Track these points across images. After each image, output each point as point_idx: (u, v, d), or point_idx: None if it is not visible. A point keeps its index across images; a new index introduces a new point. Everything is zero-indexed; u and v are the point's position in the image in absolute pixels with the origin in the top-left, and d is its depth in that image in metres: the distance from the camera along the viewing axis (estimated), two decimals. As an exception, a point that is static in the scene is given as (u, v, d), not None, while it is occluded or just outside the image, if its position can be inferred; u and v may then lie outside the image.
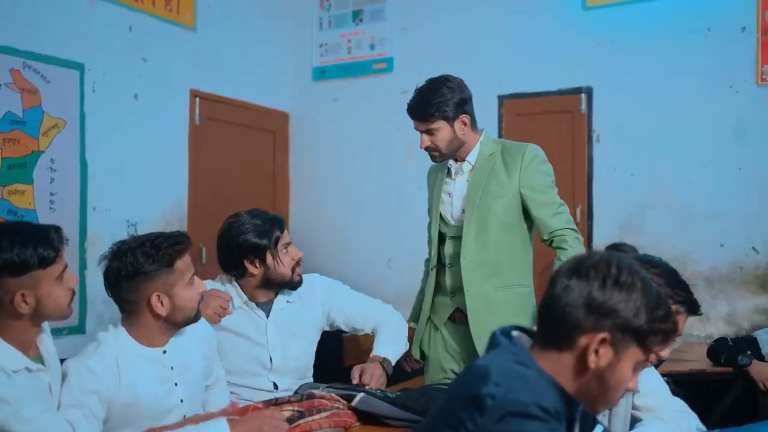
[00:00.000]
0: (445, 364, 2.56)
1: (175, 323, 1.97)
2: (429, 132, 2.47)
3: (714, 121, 3.94)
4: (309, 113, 5.09)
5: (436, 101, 2.43)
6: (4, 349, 1.70)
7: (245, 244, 2.34)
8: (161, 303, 1.90)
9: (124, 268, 1.88)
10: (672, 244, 3.99)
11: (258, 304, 2.42)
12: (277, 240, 2.38)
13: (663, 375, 2.10)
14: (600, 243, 4.08)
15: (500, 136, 4.38)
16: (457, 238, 2.51)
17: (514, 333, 1.37)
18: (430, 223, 2.69)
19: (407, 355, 2.65)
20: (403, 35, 4.82)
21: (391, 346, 2.46)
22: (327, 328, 2.56)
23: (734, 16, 3.88)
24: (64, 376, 1.82)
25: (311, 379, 2.48)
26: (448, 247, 2.56)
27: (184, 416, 1.98)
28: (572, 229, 2.43)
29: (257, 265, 2.36)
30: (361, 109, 4.93)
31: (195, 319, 2.01)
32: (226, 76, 4.56)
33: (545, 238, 2.45)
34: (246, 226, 2.36)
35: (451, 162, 2.58)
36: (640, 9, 4.11)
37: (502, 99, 4.46)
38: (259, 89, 4.84)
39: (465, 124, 2.48)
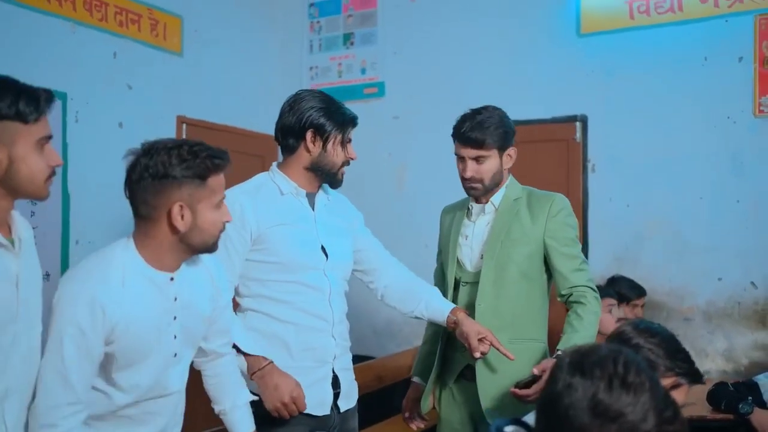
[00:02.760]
0: (456, 425, 2.44)
1: (189, 245, 1.78)
2: (479, 160, 2.34)
3: (711, 152, 3.86)
4: (299, 137, 4.99)
5: (495, 128, 2.32)
6: None
7: (316, 119, 2.25)
8: (182, 216, 1.73)
9: (153, 167, 1.71)
10: (669, 277, 3.92)
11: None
12: (346, 131, 2.31)
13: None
14: (595, 275, 3.98)
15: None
16: (473, 284, 2.39)
17: (510, 429, 1.28)
18: (439, 269, 2.58)
19: (416, 413, 2.54)
20: (395, 59, 4.74)
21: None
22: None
23: (731, 45, 3.81)
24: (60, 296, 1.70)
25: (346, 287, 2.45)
26: (463, 295, 2.43)
27: (175, 354, 1.83)
28: (593, 288, 2.34)
29: (316, 143, 2.26)
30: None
31: (212, 248, 1.84)
32: (213, 101, 4.46)
33: (563, 293, 2.34)
34: (321, 104, 2.27)
35: (471, 203, 2.46)
36: (636, 37, 4.03)
37: (495, 126, 4.38)
38: (248, 114, 4.74)
39: (511, 157, 2.39)
